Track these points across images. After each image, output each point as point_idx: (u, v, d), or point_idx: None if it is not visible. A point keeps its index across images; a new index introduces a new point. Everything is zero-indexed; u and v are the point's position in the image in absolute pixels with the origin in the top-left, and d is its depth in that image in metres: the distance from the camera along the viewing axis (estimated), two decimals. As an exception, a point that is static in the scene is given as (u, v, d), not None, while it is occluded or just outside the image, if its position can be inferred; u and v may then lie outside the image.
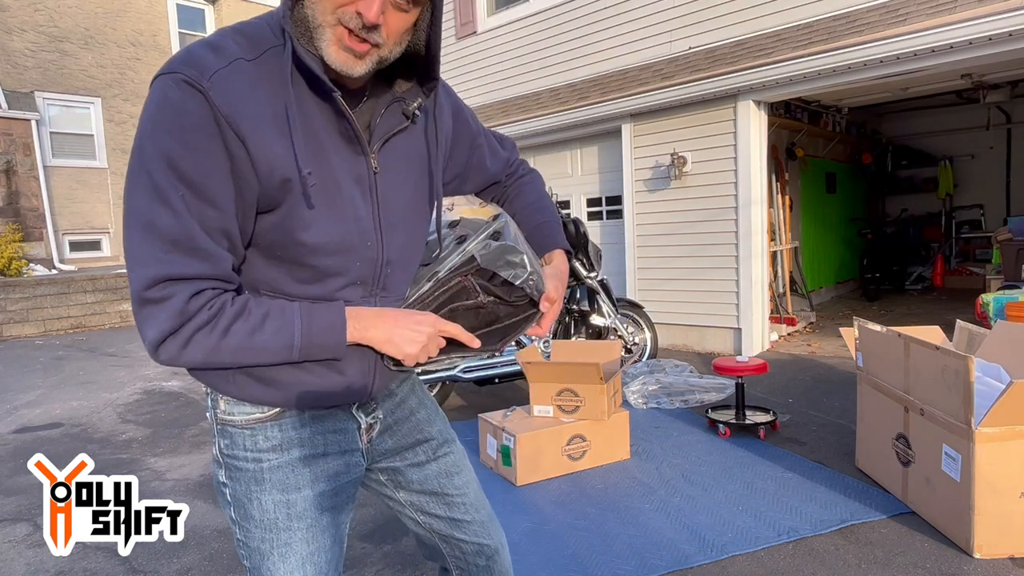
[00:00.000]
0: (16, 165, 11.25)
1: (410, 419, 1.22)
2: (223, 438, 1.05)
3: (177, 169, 0.84)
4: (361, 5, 0.85)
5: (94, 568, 2.57)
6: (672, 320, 6.18)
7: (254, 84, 0.88)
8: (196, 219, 0.86)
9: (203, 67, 0.85)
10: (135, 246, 0.87)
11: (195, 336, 0.88)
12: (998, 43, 4.18)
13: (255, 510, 1.04)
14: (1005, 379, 2.52)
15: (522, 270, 1.02)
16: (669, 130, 6.01)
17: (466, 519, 1.25)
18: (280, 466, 1.04)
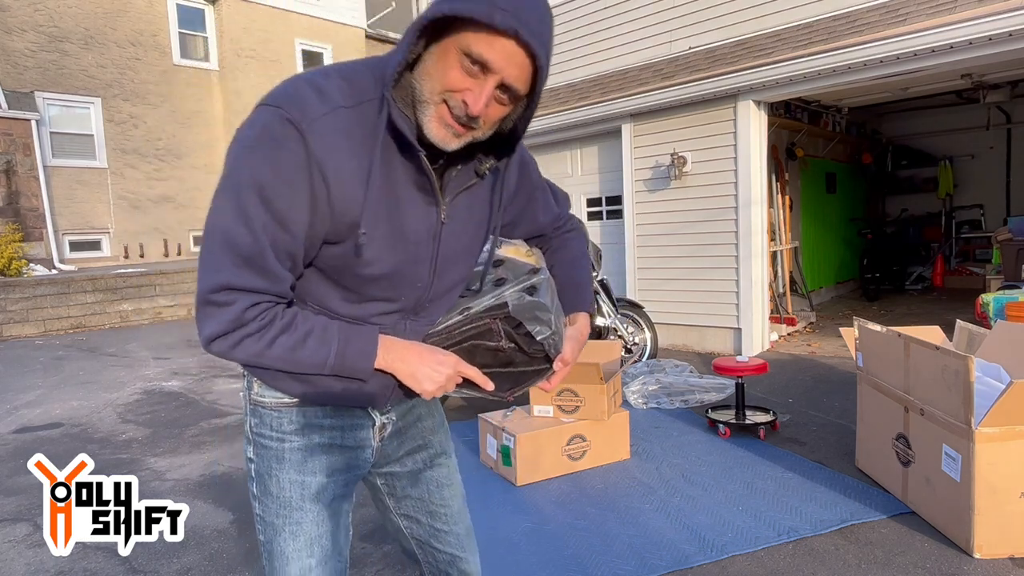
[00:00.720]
0: (16, 165, 11.25)
1: (417, 424, 1.30)
2: (254, 417, 1.15)
3: (264, 196, 0.94)
4: (469, 96, 0.93)
5: (94, 568, 2.57)
6: (672, 320, 6.18)
7: (348, 133, 0.96)
8: (270, 242, 0.95)
9: (307, 110, 0.94)
10: (212, 253, 0.96)
11: (244, 341, 0.98)
12: (998, 43, 4.18)
13: (274, 486, 1.13)
14: (1005, 379, 2.52)
15: (546, 328, 1.08)
16: (669, 130, 6.01)
17: (445, 529, 1.33)
18: (300, 448, 1.13)
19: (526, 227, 1.29)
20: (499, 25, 0.88)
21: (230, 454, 3.85)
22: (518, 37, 0.89)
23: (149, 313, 9.91)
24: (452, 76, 0.93)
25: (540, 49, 0.92)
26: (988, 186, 9.01)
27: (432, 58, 0.94)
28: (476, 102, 0.92)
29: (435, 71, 0.94)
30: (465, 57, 0.91)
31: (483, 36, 0.89)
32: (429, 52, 0.95)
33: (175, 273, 10.29)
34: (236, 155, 0.98)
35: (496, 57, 0.90)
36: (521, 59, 0.92)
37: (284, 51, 14.82)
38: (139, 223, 13.09)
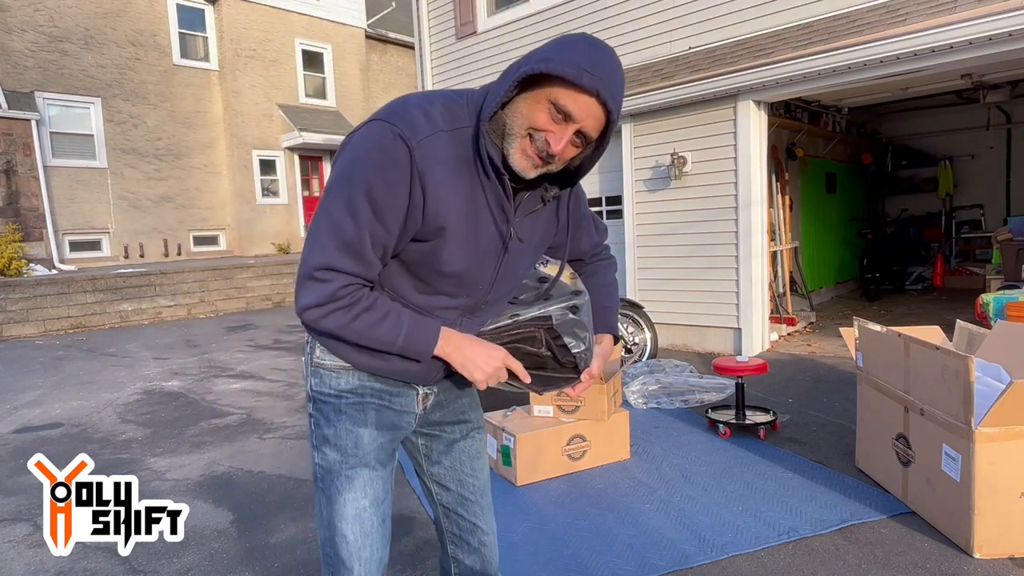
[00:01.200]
0: (16, 165, 11.25)
1: (457, 401, 1.46)
2: (314, 377, 1.33)
3: (371, 196, 1.12)
4: (552, 137, 1.11)
5: (94, 568, 2.57)
6: (672, 320, 6.18)
7: (447, 152, 1.15)
8: (370, 235, 1.14)
9: (415, 129, 1.12)
10: (320, 236, 1.15)
11: (334, 313, 1.17)
12: (998, 43, 4.18)
13: (331, 435, 1.31)
14: (1005, 379, 2.52)
15: (582, 344, 1.27)
16: (669, 130, 6.01)
17: (471, 499, 1.47)
18: (354, 404, 1.31)
19: (571, 251, 1.46)
20: (585, 86, 1.07)
21: (230, 454, 3.85)
22: (598, 96, 1.08)
23: (149, 313, 9.91)
24: (540, 118, 1.11)
25: (615, 107, 1.11)
26: (988, 186, 9.02)
27: (525, 101, 1.12)
28: (557, 143, 1.12)
29: (526, 111, 1.12)
30: (553, 106, 1.10)
31: (571, 92, 1.08)
32: (522, 96, 1.13)
33: (175, 273, 10.30)
34: (351, 158, 1.15)
35: (578, 110, 1.09)
36: (598, 113, 1.11)
37: (284, 51, 14.83)
38: (139, 223, 13.09)
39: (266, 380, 5.77)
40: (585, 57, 1.08)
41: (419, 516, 2.87)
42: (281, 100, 14.78)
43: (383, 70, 17.45)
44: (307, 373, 1.35)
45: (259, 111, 14.41)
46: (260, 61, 14.39)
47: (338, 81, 15.87)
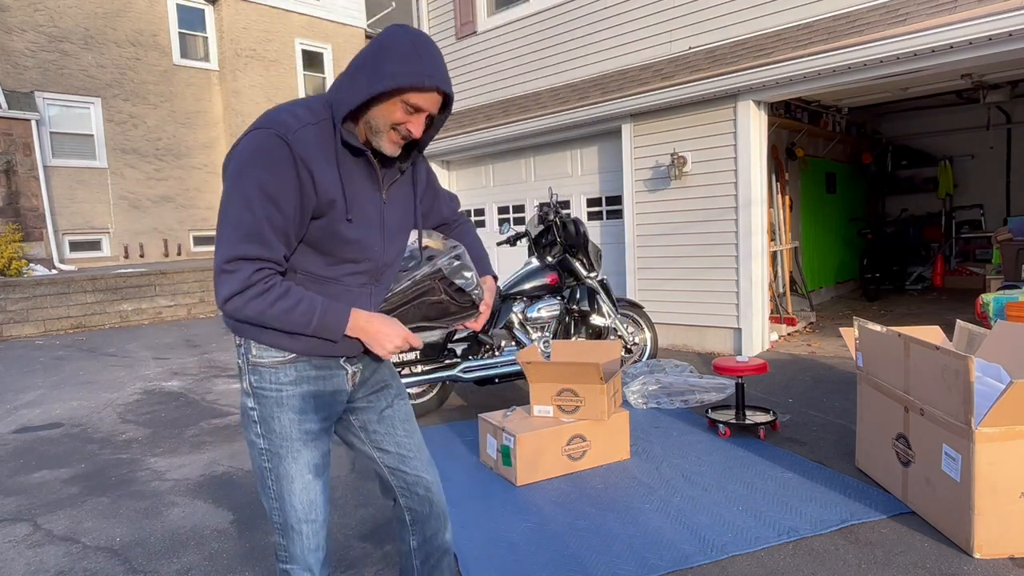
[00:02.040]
0: (16, 165, 11.25)
1: (377, 373, 1.68)
2: (253, 375, 1.48)
3: (263, 188, 1.32)
4: (411, 126, 1.41)
5: (94, 568, 2.57)
6: (672, 320, 6.18)
7: (317, 139, 1.38)
8: (267, 221, 1.33)
9: (287, 127, 1.34)
10: (224, 234, 1.33)
11: (252, 301, 1.34)
12: (998, 43, 4.18)
13: (276, 424, 1.48)
14: (1005, 379, 2.52)
15: (471, 283, 1.55)
16: (669, 130, 6.01)
17: (410, 455, 1.69)
18: (294, 395, 1.49)
19: (435, 217, 1.78)
20: (428, 86, 1.36)
21: (230, 454, 3.85)
22: (438, 90, 1.38)
23: (149, 313, 9.91)
24: (398, 115, 1.39)
25: (450, 90, 1.42)
26: (988, 186, 9.02)
27: (383, 106, 1.39)
28: (416, 129, 1.42)
29: (386, 112, 1.39)
30: (406, 104, 1.38)
31: (418, 94, 1.37)
32: (379, 102, 1.38)
33: (175, 273, 10.29)
34: (238, 164, 1.34)
35: (426, 103, 1.40)
36: (438, 99, 1.42)
37: (284, 51, 14.83)
38: (139, 223, 13.09)
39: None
40: (420, 62, 1.35)
41: (419, 516, 2.87)
42: (281, 100, 14.79)
43: (383, 70, 17.44)
44: (245, 371, 1.50)
45: (259, 111, 14.41)
46: (260, 61, 14.40)
47: (338, 81, 15.86)
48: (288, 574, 1.54)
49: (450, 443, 3.81)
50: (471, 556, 2.48)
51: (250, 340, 1.46)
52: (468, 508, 2.91)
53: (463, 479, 3.26)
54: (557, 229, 4.71)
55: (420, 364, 4.24)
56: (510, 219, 8.04)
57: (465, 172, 8.63)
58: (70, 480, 3.53)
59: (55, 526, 2.97)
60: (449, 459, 3.55)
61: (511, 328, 4.46)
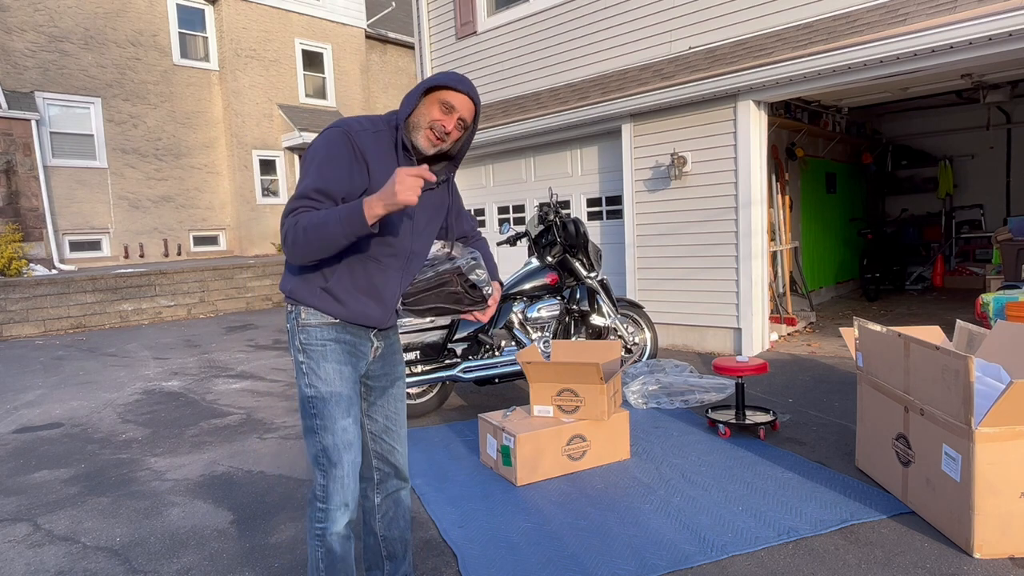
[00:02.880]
0: (16, 165, 11.25)
1: (392, 355, 2.03)
2: (303, 334, 1.82)
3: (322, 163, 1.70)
4: (444, 122, 1.77)
5: (94, 568, 2.57)
6: (672, 320, 6.18)
7: (375, 142, 1.77)
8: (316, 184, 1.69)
9: (353, 128, 1.75)
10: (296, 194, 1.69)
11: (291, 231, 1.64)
12: (998, 43, 4.19)
13: (322, 371, 1.81)
14: (1005, 379, 2.52)
15: (483, 281, 1.90)
16: (669, 130, 6.01)
17: (393, 428, 2.03)
18: (335, 350, 1.83)
19: (457, 230, 2.11)
20: (460, 88, 1.76)
21: (230, 454, 3.85)
22: (468, 95, 1.78)
23: (149, 313, 9.91)
24: (435, 113, 1.77)
25: (478, 101, 1.82)
26: (988, 186, 9.02)
27: (424, 105, 1.78)
28: (449, 124, 1.77)
29: (426, 111, 1.78)
30: (443, 104, 1.76)
31: (452, 93, 1.76)
32: (422, 102, 1.79)
33: (175, 273, 10.29)
34: (311, 151, 1.74)
35: (458, 104, 1.77)
36: (470, 105, 1.80)
37: (284, 51, 14.82)
38: (139, 223, 13.09)
39: (266, 380, 5.77)
40: (456, 75, 1.78)
41: (419, 516, 2.87)
42: (281, 100, 14.78)
43: (383, 70, 17.45)
44: (295, 333, 1.84)
45: (259, 111, 14.41)
46: (260, 61, 14.39)
47: (338, 81, 15.86)
48: (325, 512, 1.79)
49: (450, 443, 3.81)
50: (471, 556, 2.47)
51: (300, 306, 1.81)
52: (468, 508, 2.91)
53: (463, 479, 3.25)
54: (557, 229, 4.71)
55: (420, 364, 4.24)
56: (510, 219, 8.04)
57: (465, 172, 8.63)
58: (70, 480, 3.53)
59: (55, 526, 2.97)
60: (449, 459, 3.55)
61: (511, 328, 4.46)
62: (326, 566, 1.80)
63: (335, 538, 1.79)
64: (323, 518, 1.79)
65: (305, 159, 1.75)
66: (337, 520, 1.79)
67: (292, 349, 1.85)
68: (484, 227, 8.39)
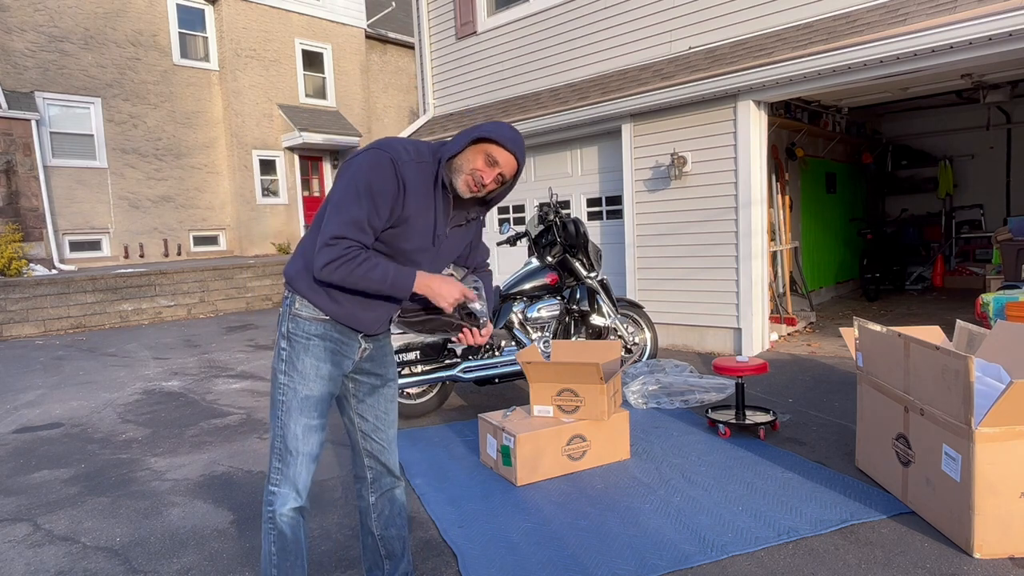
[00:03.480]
0: (16, 165, 11.25)
1: (383, 357, 2.05)
2: (292, 322, 1.86)
3: (371, 192, 1.73)
4: (484, 174, 1.80)
5: (94, 568, 2.57)
6: (672, 320, 6.18)
7: (416, 174, 1.79)
8: (367, 215, 1.73)
9: (400, 157, 1.76)
10: (334, 217, 1.73)
11: (342, 267, 1.71)
12: (998, 43, 4.19)
13: (299, 364, 1.86)
14: (1005, 379, 2.52)
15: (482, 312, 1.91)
16: (669, 130, 6.01)
17: (383, 428, 2.07)
18: (317, 346, 1.86)
19: (472, 261, 2.16)
20: (508, 147, 1.80)
21: (230, 454, 3.85)
22: (515, 155, 1.82)
23: (149, 313, 9.91)
24: (479, 163, 1.80)
25: (522, 160, 1.85)
26: (988, 186, 9.02)
27: (471, 152, 1.81)
28: (488, 178, 1.81)
29: (471, 157, 1.81)
30: (487, 156, 1.80)
31: (499, 149, 1.80)
32: (470, 148, 1.81)
33: (175, 273, 10.29)
34: (356, 170, 1.75)
35: (502, 160, 1.80)
36: (513, 163, 1.83)
37: (284, 51, 14.82)
38: (139, 223, 13.09)
39: (266, 380, 5.77)
40: (510, 134, 1.81)
41: (419, 516, 2.87)
42: (281, 100, 14.78)
43: (383, 70, 17.45)
44: (285, 319, 1.88)
45: (259, 111, 14.41)
46: (260, 61, 14.39)
47: (338, 81, 15.86)
48: (275, 495, 1.87)
49: (450, 443, 3.81)
50: (471, 556, 2.47)
51: (296, 294, 1.86)
52: (468, 508, 2.91)
53: (463, 479, 3.25)
54: (557, 229, 4.71)
55: (420, 364, 4.24)
56: (510, 219, 8.04)
57: (465, 172, 8.62)
58: (70, 480, 3.53)
59: (55, 526, 2.97)
60: (449, 459, 3.55)
61: (511, 328, 4.46)
62: (278, 548, 1.86)
63: (284, 520, 1.86)
64: (273, 501, 1.86)
65: (348, 177, 1.75)
66: (287, 502, 1.86)
67: (278, 332, 1.91)
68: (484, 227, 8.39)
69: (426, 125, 8.97)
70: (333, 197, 1.77)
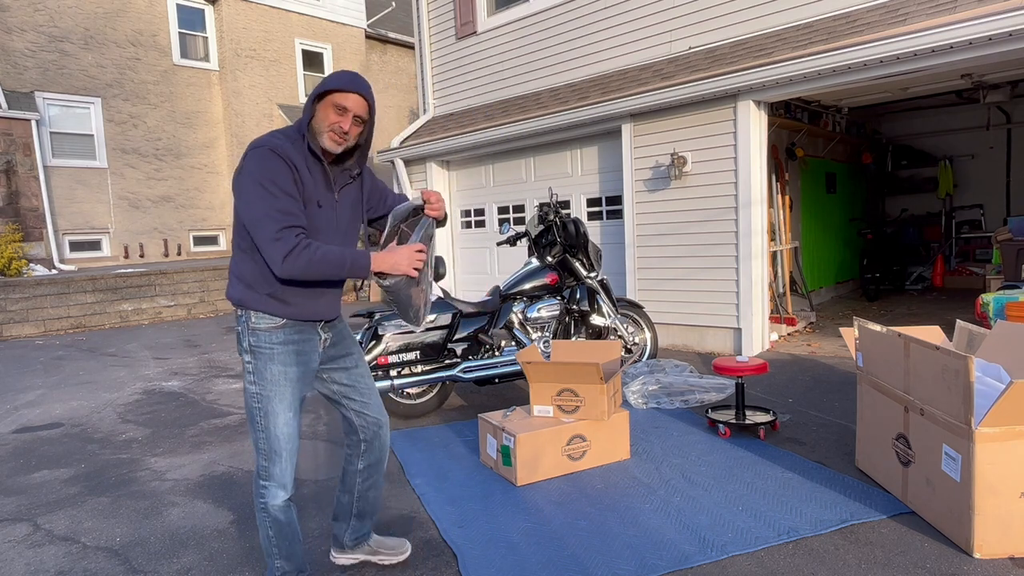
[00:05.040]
0: (16, 165, 11.25)
1: (343, 340, 2.25)
2: (252, 337, 2.00)
3: (275, 181, 1.88)
4: (342, 123, 1.94)
5: (94, 568, 2.57)
6: (672, 320, 6.18)
7: (295, 153, 1.94)
8: (287, 199, 1.88)
9: (276, 145, 1.91)
10: (261, 220, 1.85)
11: (301, 254, 1.86)
12: (998, 43, 4.18)
13: (268, 373, 2.00)
14: (1005, 379, 2.52)
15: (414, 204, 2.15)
16: (669, 130, 6.01)
17: (370, 402, 2.28)
18: (282, 352, 2.02)
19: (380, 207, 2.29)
20: (348, 88, 1.92)
21: (230, 454, 3.85)
22: (359, 92, 1.94)
23: (149, 313, 9.91)
24: (332, 116, 1.94)
25: (370, 96, 1.97)
26: (988, 186, 9.02)
27: (321, 111, 1.95)
28: (345, 124, 1.95)
29: (322, 116, 1.95)
30: (336, 106, 1.93)
31: (342, 95, 1.92)
32: (318, 108, 1.95)
33: (175, 273, 10.29)
34: (250, 172, 1.88)
35: (350, 103, 1.93)
36: (362, 103, 1.96)
37: (284, 51, 14.82)
38: (139, 223, 13.09)
39: (266, 380, 5.77)
40: (342, 76, 1.92)
41: (419, 516, 2.87)
42: (281, 100, 14.78)
43: (383, 70, 17.45)
44: (245, 336, 2.01)
45: (259, 111, 14.41)
46: (260, 61, 14.39)
47: (338, 81, 15.85)
48: (266, 490, 2.05)
49: (450, 443, 3.81)
50: (471, 556, 2.47)
51: (250, 310, 1.99)
52: (468, 508, 2.91)
53: (463, 479, 3.25)
54: (557, 229, 4.71)
55: (420, 364, 4.24)
56: (510, 219, 8.04)
57: (465, 172, 8.63)
58: (70, 480, 3.53)
59: (55, 526, 2.97)
60: (449, 459, 3.55)
61: (511, 328, 4.46)
62: (275, 532, 2.08)
63: (277, 510, 2.06)
64: (264, 494, 2.05)
65: (247, 183, 1.86)
66: (277, 497, 2.05)
67: (240, 350, 2.04)
68: (484, 227, 8.39)
69: (426, 125, 8.98)
70: (244, 208, 1.87)
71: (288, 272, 1.84)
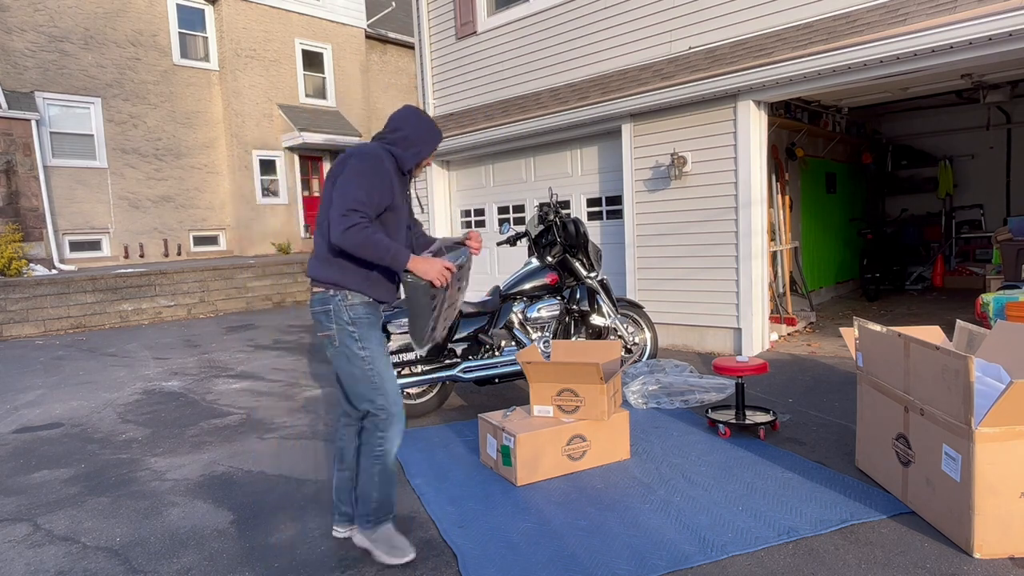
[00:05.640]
0: (16, 165, 11.25)
1: None
2: (352, 311, 2.42)
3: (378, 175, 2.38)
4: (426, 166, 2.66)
5: (94, 568, 2.57)
6: (672, 320, 6.18)
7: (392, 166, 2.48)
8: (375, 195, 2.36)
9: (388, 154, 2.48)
10: (348, 193, 2.31)
11: (359, 232, 2.28)
12: (998, 43, 4.19)
13: (372, 338, 2.46)
14: (1005, 379, 2.52)
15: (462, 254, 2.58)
16: (669, 130, 6.01)
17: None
18: (374, 322, 2.48)
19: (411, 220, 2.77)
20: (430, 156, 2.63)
21: (230, 454, 3.85)
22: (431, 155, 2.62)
23: (149, 313, 9.91)
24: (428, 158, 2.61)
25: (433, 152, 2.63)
26: (988, 186, 9.02)
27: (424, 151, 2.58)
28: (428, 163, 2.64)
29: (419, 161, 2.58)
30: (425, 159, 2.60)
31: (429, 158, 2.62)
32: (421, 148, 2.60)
33: (175, 273, 10.29)
34: (370, 157, 2.40)
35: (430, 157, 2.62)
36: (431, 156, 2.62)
37: (284, 51, 14.83)
38: (139, 223, 13.09)
39: (266, 380, 5.77)
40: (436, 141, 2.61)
41: (419, 516, 2.87)
42: (281, 100, 14.79)
43: (383, 70, 17.45)
44: (342, 311, 2.40)
45: (259, 111, 14.42)
46: (260, 61, 14.39)
47: (338, 81, 15.87)
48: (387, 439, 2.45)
49: (450, 443, 3.81)
50: (471, 556, 2.48)
51: (345, 290, 2.40)
52: (468, 508, 2.91)
53: (463, 479, 3.26)
54: (557, 229, 4.71)
55: (420, 364, 4.24)
56: (510, 219, 8.04)
57: (465, 172, 8.63)
58: (70, 480, 3.53)
59: (55, 526, 2.97)
60: (449, 459, 3.55)
61: (511, 328, 4.46)
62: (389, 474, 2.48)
63: (391, 457, 2.46)
64: (383, 442, 2.43)
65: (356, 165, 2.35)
66: (396, 441, 2.46)
67: (337, 322, 2.41)
68: (484, 227, 8.39)
69: (426, 125, 8.96)
70: (343, 183, 2.32)
71: (343, 241, 2.25)
